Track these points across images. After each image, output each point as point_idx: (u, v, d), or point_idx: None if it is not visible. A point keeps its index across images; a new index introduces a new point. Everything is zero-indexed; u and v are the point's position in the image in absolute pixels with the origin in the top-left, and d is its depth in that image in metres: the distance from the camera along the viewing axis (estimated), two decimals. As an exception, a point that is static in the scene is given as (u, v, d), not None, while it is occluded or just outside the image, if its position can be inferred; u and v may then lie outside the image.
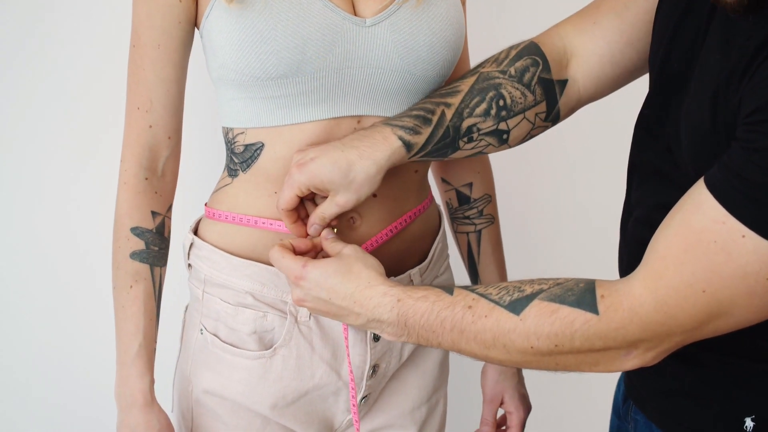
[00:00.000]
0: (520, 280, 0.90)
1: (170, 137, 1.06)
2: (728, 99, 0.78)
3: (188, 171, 1.26)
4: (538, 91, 1.02)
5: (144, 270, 1.06)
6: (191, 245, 1.12)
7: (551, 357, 0.86)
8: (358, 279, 0.94)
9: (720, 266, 0.76)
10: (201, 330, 1.10)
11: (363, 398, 1.12)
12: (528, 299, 0.86)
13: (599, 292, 0.83)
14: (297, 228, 1.01)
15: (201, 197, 1.20)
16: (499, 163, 1.31)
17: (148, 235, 1.06)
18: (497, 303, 0.87)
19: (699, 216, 0.77)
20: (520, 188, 1.84)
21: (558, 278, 0.88)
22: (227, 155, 1.08)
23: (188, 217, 1.18)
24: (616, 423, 1.09)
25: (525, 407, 1.28)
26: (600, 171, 1.80)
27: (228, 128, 1.05)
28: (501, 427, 1.30)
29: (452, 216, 1.25)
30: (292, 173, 0.97)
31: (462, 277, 1.26)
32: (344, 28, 0.98)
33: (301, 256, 0.98)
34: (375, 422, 1.18)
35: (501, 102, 1.00)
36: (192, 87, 1.10)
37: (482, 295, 0.89)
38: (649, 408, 0.98)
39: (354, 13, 1.00)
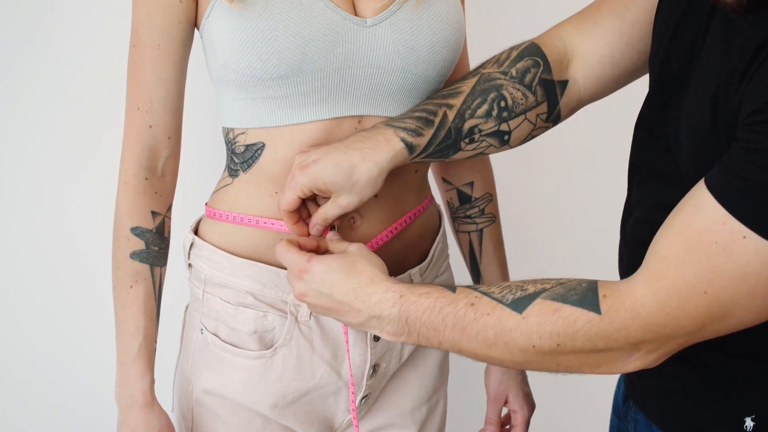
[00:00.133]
0: (523, 280, 0.90)
1: (170, 137, 1.06)
2: (728, 99, 0.78)
3: (188, 171, 1.26)
4: (539, 92, 1.02)
5: (144, 270, 1.06)
6: (191, 245, 1.12)
7: (553, 357, 0.85)
8: (362, 275, 0.94)
9: (721, 267, 0.76)
10: (201, 330, 1.10)
11: (363, 398, 1.12)
12: (531, 298, 0.86)
13: (601, 292, 0.83)
14: (298, 228, 1.01)
15: (201, 197, 1.20)
16: (500, 164, 1.31)
17: (148, 235, 1.06)
18: (500, 301, 0.87)
19: (700, 217, 0.77)
20: (521, 188, 1.83)
21: (560, 278, 0.88)
22: (227, 155, 1.08)
23: (188, 217, 1.18)
24: (616, 423, 1.09)
25: (529, 406, 1.28)
26: (600, 171, 1.80)
27: (228, 128, 1.05)
28: (505, 426, 1.30)
29: (453, 215, 1.24)
30: (295, 175, 0.97)
31: (462, 277, 1.25)
32: (345, 28, 0.98)
33: (307, 252, 0.98)
34: (375, 422, 1.18)
35: (502, 103, 1.00)
36: (192, 87, 1.10)
37: (485, 294, 0.89)
38: (649, 408, 0.98)
39: (354, 13, 1.00)
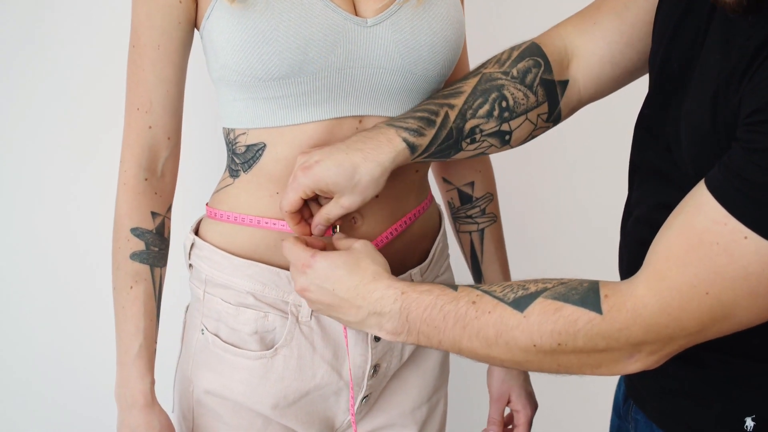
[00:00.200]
0: (524, 280, 0.90)
1: (170, 138, 1.06)
2: (728, 99, 0.78)
3: (188, 171, 1.26)
4: (540, 92, 1.02)
5: (144, 271, 1.06)
6: (192, 245, 1.11)
7: (553, 356, 0.85)
8: (365, 273, 0.94)
9: (722, 268, 0.76)
10: (202, 330, 1.10)
11: (364, 398, 1.12)
12: (532, 297, 0.86)
13: (603, 292, 0.83)
14: (301, 228, 1.01)
15: (201, 197, 1.20)
16: (500, 163, 1.31)
17: (148, 236, 1.06)
18: (501, 299, 0.87)
19: (700, 217, 0.77)
20: (521, 188, 1.83)
21: (562, 278, 0.88)
22: (228, 156, 1.08)
23: (188, 218, 1.18)
24: (617, 422, 1.09)
25: (532, 405, 1.28)
26: (600, 171, 1.80)
27: (229, 129, 1.05)
28: (508, 426, 1.31)
29: (454, 215, 1.24)
30: (297, 176, 0.97)
31: (463, 278, 1.25)
32: (346, 29, 0.98)
33: (312, 248, 0.99)
34: (376, 422, 1.18)
35: (504, 103, 1.00)
36: (192, 87, 1.10)
37: (486, 292, 0.89)
38: (650, 408, 0.98)
39: (355, 13, 0.99)
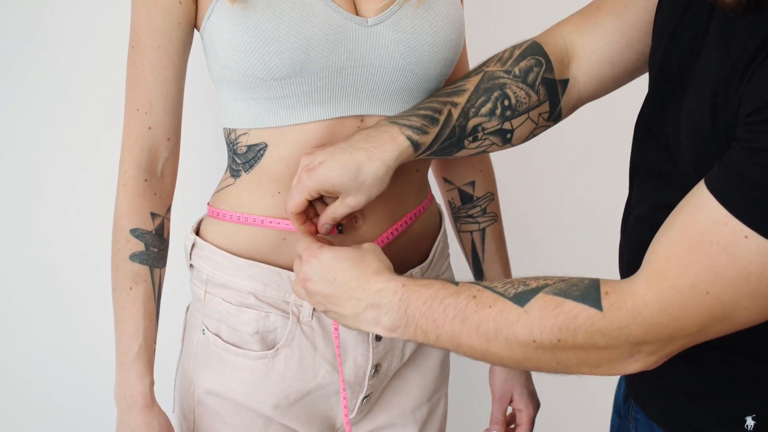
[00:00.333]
0: (526, 276, 0.90)
1: (169, 138, 1.06)
2: (728, 99, 0.78)
3: (188, 171, 1.26)
4: (542, 91, 1.02)
5: (143, 271, 1.06)
6: (193, 246, 1.11)
7: (553, 353, 0.85)
8: (368, 267, 0.95)
9: (723, 267, 0.76)
10: (203, 330, 1.10)
11: (365, 398, 1.12)
12: (533, 292, 0.86)
13: (603, 289, 0.83)
14: (306, 228, 1.01)
15: (201, 198, 1.20)
16: (501, 163, 1.31)
17: (148, 237, 1.06)
18: (502, 294, 0.87)
19: (701, 217, 0.77)
20: (521, 187, 1.84)
21: (563, 276, 0.88)
22: (229, 156, 1.07)
23: (189, 218, 1.18)
24: (617, 422, 1.09)
25: (534, 404, 1.28)
26: (601, 170, 1.80)
27: (230, 129, 1.05)
28: (510, 425, 1.31)
29: (455, 215, 1.24)
30: (302, 178, 0.97)
31: (463, 277, 1.24)
32: (347, 28, 0.98)
33: (321, 242, 1.00)
34: (376, 421, 1.18)
35: (506, 102, 1.00)
36: (192, 87, 1.10)
37: (487, 287, 0.89)
38: (650, 407, 0.98)
39: (356, 13, 1.00)
